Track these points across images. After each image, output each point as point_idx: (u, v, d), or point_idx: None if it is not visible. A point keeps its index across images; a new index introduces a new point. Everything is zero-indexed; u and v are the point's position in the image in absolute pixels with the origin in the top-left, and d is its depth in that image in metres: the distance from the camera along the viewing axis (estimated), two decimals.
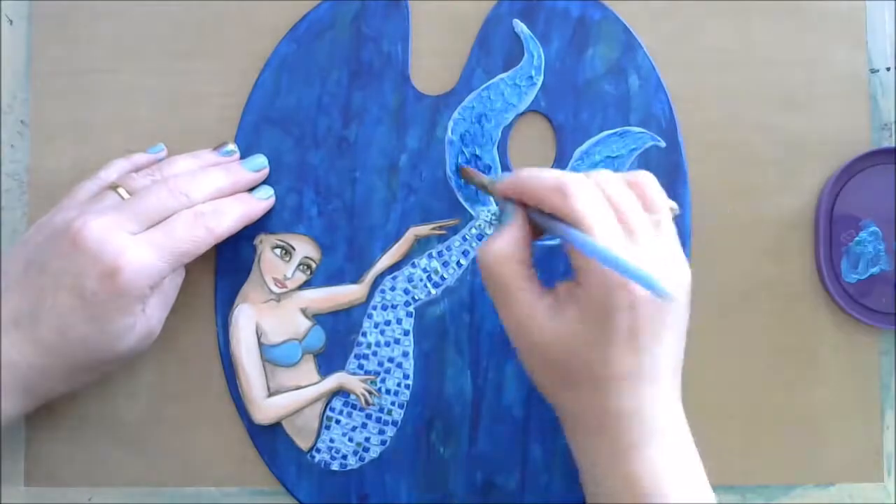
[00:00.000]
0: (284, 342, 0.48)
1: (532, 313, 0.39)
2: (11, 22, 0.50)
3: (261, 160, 0.47)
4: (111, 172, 0.46)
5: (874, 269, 0.49)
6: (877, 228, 0.49)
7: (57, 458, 0.49)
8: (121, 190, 0.44)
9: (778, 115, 0.50)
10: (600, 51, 0.48)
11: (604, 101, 0.48)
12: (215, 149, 0.48)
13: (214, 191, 0.45)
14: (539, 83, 0.48)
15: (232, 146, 0.48)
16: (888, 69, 0.50)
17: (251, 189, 0.47)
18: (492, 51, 0.48)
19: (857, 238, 0.49)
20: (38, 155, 0.49)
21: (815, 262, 0.49)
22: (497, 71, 0.48)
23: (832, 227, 0.49)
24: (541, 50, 0.48)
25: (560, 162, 0.48)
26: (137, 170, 0.47)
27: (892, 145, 0.49)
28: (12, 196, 0.49)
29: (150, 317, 0.44)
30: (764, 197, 0.49)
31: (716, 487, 0.48)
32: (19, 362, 0.41)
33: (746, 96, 0.50)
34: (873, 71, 0.50)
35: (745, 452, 0.49)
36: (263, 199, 0.47)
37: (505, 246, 0.39)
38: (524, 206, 0.40)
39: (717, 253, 0.49)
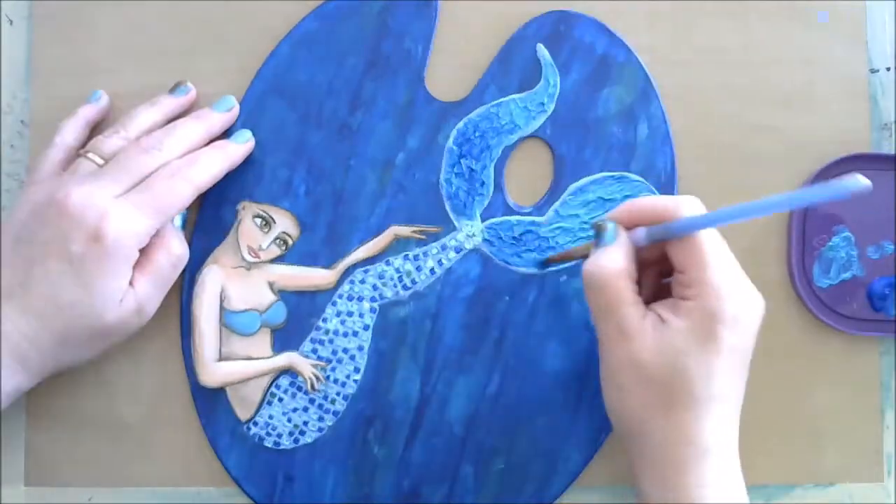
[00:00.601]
0: (245, 311, 0.48)
1: (640, 328, 0.40)
2: (11, 22, 0.50)
3: (230, 100, 0.48)
4: (66, 136, 0.47)
5: (846, 275, 0.49)
6: (850, 234, 0.49)
7: (57, 458, 0.49)
8: (91, 155, 0.44)
9: (778, 115, 0.50)
10: (616, 92, 0.48)
11: (609, 142, 0.48)
12: (171, 91, 0.48)
13: (189, 142, 0.45)
14: (549, 111, 0.48)
15: (187, 84, 0.48)
16: (888, 69, 0.50)
17: (229, 134, 0.48)
18: (510, 70, 0.48)
19: (829, 243, 0.49)
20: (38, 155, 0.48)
21: (787, 267, 0.49)
22: (511, 90, 0.48)
23: (805, 231, 0.49)
24: (558, 79, 0.48)
25: (553, 193, 0.48)
26: (91, 127, 0.47)
27: (865, 152, 0.49)
28: (12, 196, 0.49)
29: (140, 293, 0.44)
30: (763, 197, 0.48)
31: None
32: (11, 332, 0.41)
33: (746, 96, 0.50)
34: (873, 71, 0.50)
35: (745, 452, 0.48)
36: (242, 143, 0.47)
37: (618, 260, 0.40)
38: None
39: None
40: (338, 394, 0.48)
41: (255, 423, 0.48)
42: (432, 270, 0.48)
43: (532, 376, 0.48)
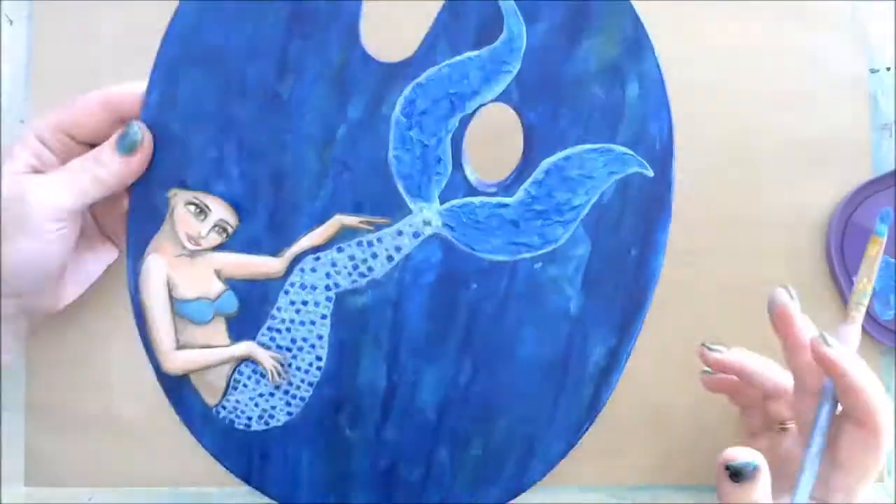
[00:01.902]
0: (196, 299, 0.45)
1: None
2: (11, 22, 0.50)
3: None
4: None
5: None
6: (891, 259, 0.50)
7: (57, 458, 0.49)
8: None
9: (778, 115, 0.50)
10: (598, 44, 0.39)
11: (590, 106, 0.40)
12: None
13: None
14: (514, 71, 0.40)
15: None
16: (888, 69, 0.51)
17: None
18: (463, 20, 0.39)
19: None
20: None
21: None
22: (465, 47, 0.40)
23: (850, 275, 0.49)
24: (524, 29, 0.39)
25: (523, 171, 0.41)
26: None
27: (873, 176, 0.50)
28: None
29: (52, 255, 0.42)
30: (764, 197, 0.50)
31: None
32: None
33: (746, 96, 0.50)
34: (873, 71, 0.51)
35: None
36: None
37: None
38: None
39: (717, 252, 0.49)
40: (302, 381, 0.46)
41: (224, 407, 0.47)
42: (389, 257, 0.43)
43: (507, 365, 0.44)
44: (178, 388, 0.46)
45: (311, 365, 0.45)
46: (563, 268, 0.42)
